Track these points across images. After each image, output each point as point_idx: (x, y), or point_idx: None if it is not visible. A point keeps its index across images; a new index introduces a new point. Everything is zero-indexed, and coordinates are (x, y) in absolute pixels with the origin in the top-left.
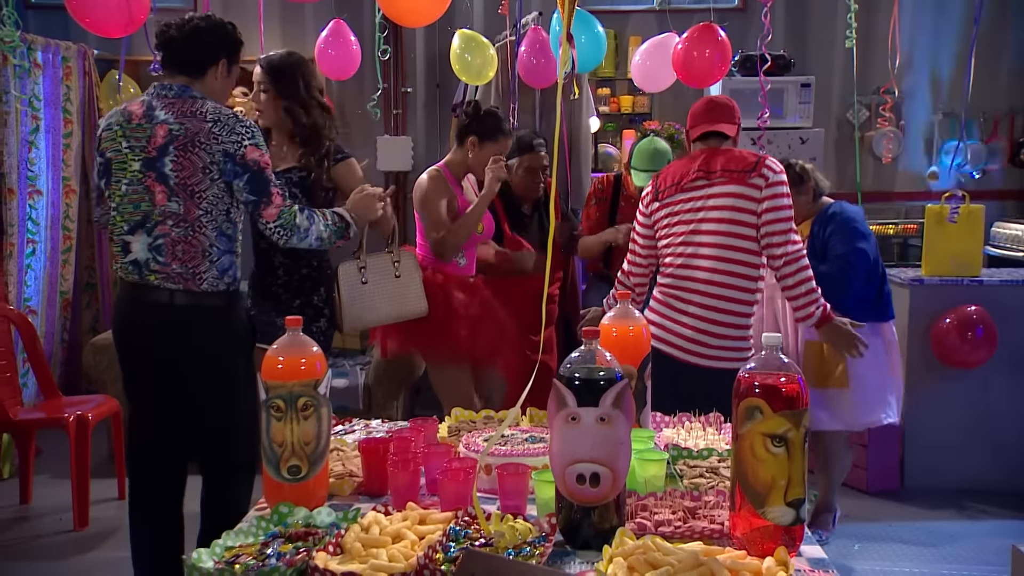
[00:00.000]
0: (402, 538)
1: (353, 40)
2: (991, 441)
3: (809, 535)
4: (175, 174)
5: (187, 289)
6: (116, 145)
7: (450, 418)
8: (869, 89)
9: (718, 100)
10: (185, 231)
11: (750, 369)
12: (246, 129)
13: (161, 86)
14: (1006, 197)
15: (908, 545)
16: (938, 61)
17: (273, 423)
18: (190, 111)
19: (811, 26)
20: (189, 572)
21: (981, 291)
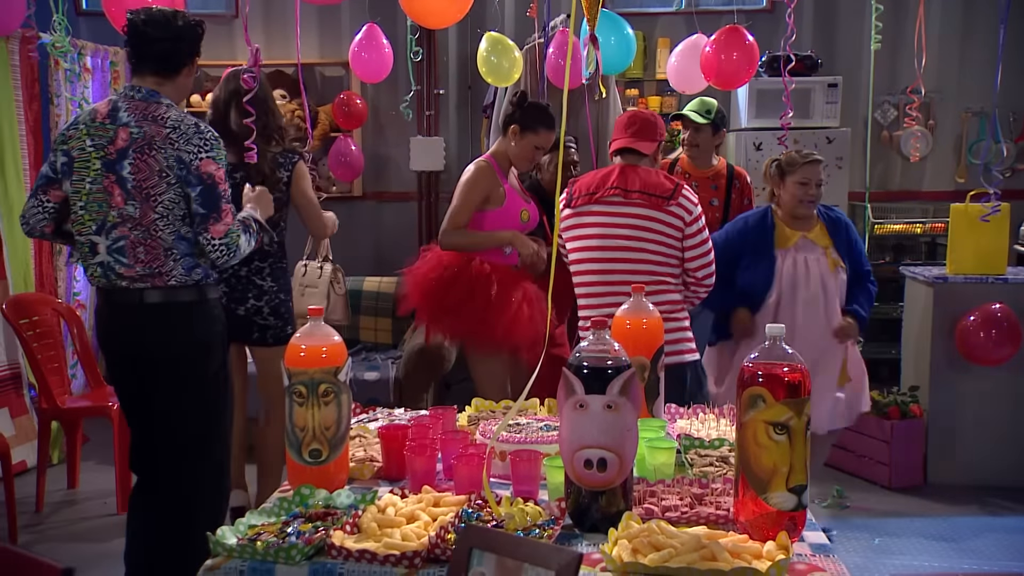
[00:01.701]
0: (416, 519)
1: (385, 43)
2: (1015, 438)
3: (812, 521)
4: (132, 177)
5: (155, 286)
6: (81, 143)
7: (471, 407)
8: (897, 89)
9: (640, 115)
10: (143, 233)
11: (754, 359)
12: (204, 141)
13: (130, 87)
14: None
15: (929, 540)
16: (967, 61)
17: (296, 408)
18: (152, 115)
19: (839, 27)
20: (214, 548)
21: (1006, 289)
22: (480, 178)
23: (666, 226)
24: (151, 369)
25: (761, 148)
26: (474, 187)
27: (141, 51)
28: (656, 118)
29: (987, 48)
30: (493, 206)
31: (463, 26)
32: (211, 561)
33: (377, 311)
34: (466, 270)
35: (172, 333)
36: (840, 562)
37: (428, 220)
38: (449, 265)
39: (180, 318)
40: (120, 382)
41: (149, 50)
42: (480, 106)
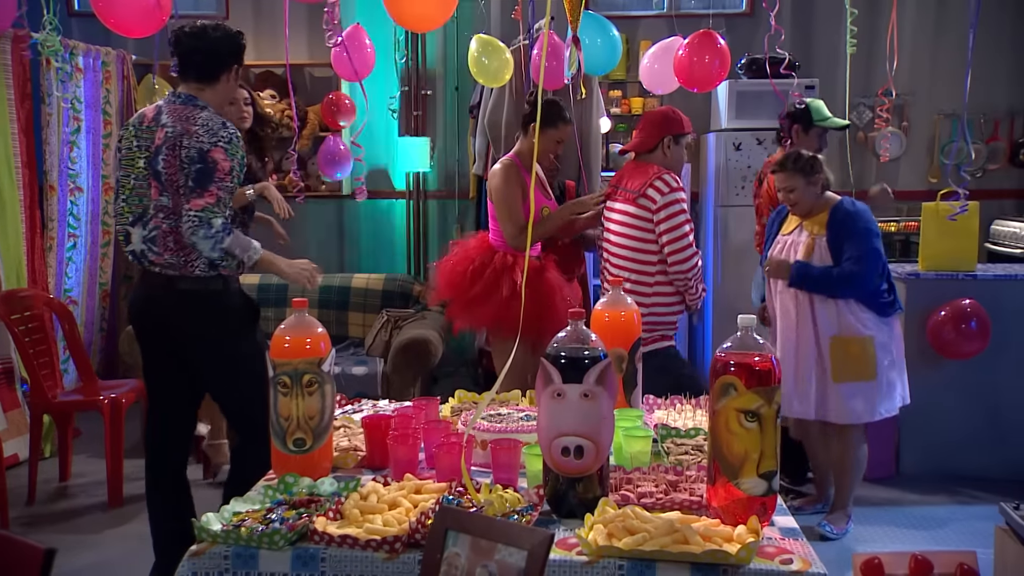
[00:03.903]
0: (398, 506)
1: (368, 44)
2: (983, 430)
3: (782, 505)
4: (165, 171)
5: (182, 275)
6: (129, 143)
7: (454, 399)
8: (872, 91)
9: (647, 113)
10: (174, 223)
11: (726, 348)
12: (226, 135)
13: (173, 93)
14: (1006, 196)
15: (900, 528)
16: (939, 64)
17: (280, 398)
18: (186, 116)
19: (815, 30)
20: (199, 534)
21: (975, 285)
22: (511, 175)
23: (639, 219)
24: (182, 347)
25: (740, 148)
26: (510, 185)
27: (184, 60)
28: (661, 113)
29: (959, 51)
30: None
31: (449, 28)
32: (196, 547)
33: (365, 307)
34: (489, 262)
35: (198, 317)
36: (808, 544)
37: (416, 218)
38: (474, 258)
39: (205, 304)
40: (153, 359)
41: (190, 59)
42: (467, 107)
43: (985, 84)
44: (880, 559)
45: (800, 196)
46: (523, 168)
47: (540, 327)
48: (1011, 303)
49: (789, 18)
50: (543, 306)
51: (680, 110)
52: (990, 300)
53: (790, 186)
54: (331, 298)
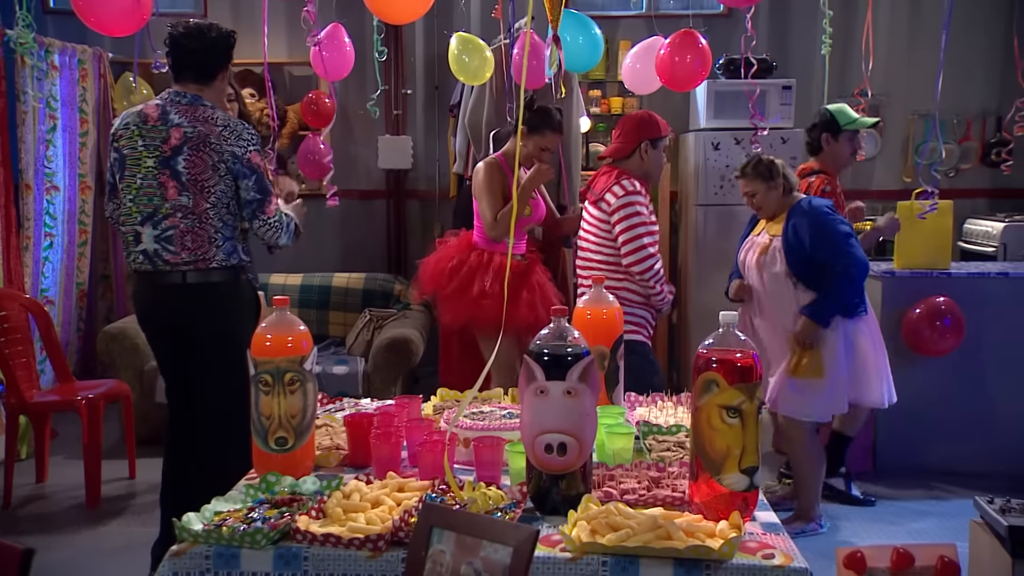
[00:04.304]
0: (381, 504)
1: (347, 42)
2: (956, 425)
3: (763, 501)
4: (187, 171)
5: (197, 269)
6: (132, 143)
7: (436, 397)
8: (848, 91)
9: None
10: (193, 222)
11: (708, 345)
12: (251, 136)
13: (175, 93)
14: (978, 195)
15: (876, 523)
16: (914, 65)
17: (262, 397)
18: (203, 117)
19: (792, 31)
20: (179, 534)
21: (949, 283)
22: (493, 173)
23: (600, 221)
24: (193, 342)
25: (719, 148)
26: (491, 182)
27: (180, 61)
28: (637, 118)
29: (932, 53)
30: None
31: (429, 27)
32: (176, 547)
33: (346, 307)
34: (467, 260)
35: (212, 308)
36: (789, 539)
37: (396, 218)
38: (454, 256)
39: (219, 296)
40: (163, 355)
41: (187, 60)
42: (447, 105)
43: (958, 85)
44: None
45: (762, 200)
46: (507, 168)
47: (520, 325)
48: (984, 300)
49: (766, 19)
50: (525, 305)
51: (659, 110)
52: (964, 297)
53: (751, 191)
54: (312, 297)
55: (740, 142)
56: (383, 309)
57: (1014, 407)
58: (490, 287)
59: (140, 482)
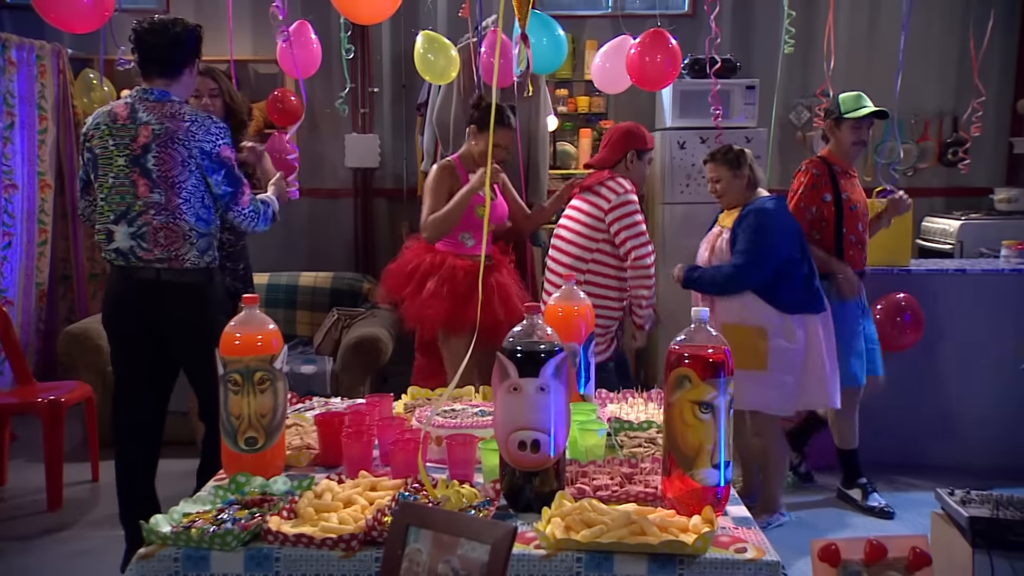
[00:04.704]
0: (353, 503)
1: (314, 40)
2: (919, 420)
3: (735, 495)
4: (157, 168)
5: (171, 268)
6: (103, 142)
7: (407, 395)
8: (810, 91)
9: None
10: (166, 218)
11: (680, 341)
12: (220, 129)
13: (142, 90)
14: (935, 194)
15: (841, 515)
16: (873, 65)
17: (231, 396)
18: (170, 113)
19: (755, 31)
20: (147, 536)
21: (909, 279)
22: (443, 175)
23: (593, 207)
24: (169, 336)
25: (685, 147)
26: (438, 184)
27: (145, 57)
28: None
29: (891, 53)
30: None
31: (396, 25)
32: (144, 550)
33: (313, 306)
34: (424, 262)
35: (184, 308)
36: (761, 532)
37: (364, 216)
38: (412, 259)
39: (191, 296)
40: (130, 354)
41: (152, 55)
42: (414, 104)
43: (916, 86)
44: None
45: (725, 187)
46: (461, 168)
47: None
48: (943, 296)
49: (729, 19)
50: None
51: (626, 109)
52: (923, 294)
53: (716, 176)
54: (279, 297)
55: (706, 141)
56: (351, 308)
57: (972, 401)
58: (440, 288)
59: (104, 484)
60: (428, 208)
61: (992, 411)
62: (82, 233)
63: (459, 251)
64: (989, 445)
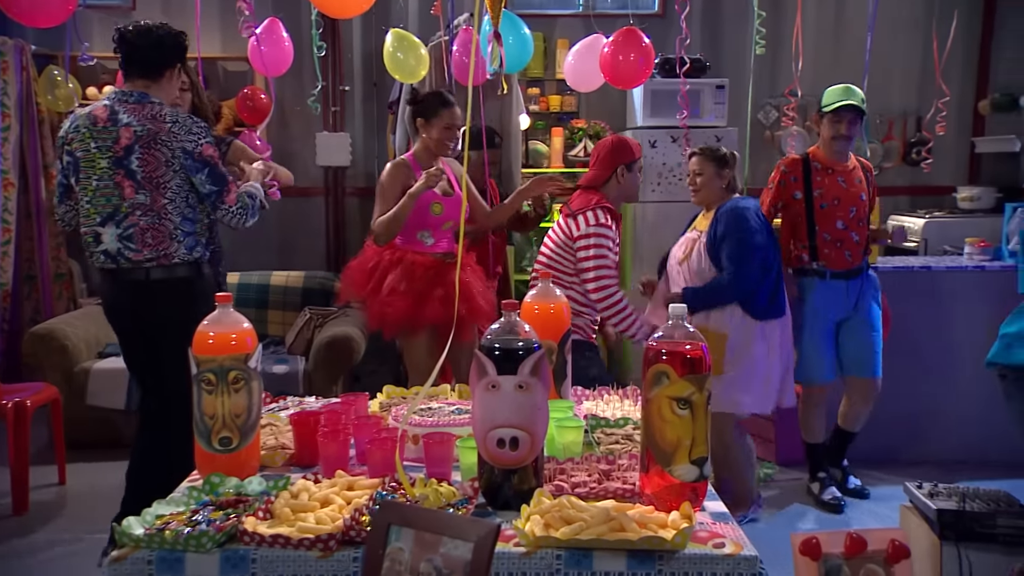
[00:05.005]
0: (330, 503)
1: (285, 37)
2: (883, 415)
3: (712, 491)
4: (141, 169)
5: (160, 265)
6: (85, 145)
7: (382, 394)
8: (777, 91)
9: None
10: (152, 219)
11: (658, 338)
12: (201, 129)
13: (122, 92)
14: (900, 193)
15: (812, 509)
16: (840, 66)
17: (204, 396)
18: (151, 114)
19: (725, 31)
20: (119, 539)
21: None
22: (395, 174)
23: (565, 234)
24: (158, 333)
25: (656, 146)
26: (390, 183)
27: (128, 57)
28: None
29: (857, 54)
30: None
31: (367, 23)
32: (116, 552)
33: (285, 305)
34: (383, 259)
35: (176, 303)
36: (739, 527)
37: (335, 215)
38: (371, 256)
39: (182, 291)
40: (131, 348)
41: (134, 56)
42: (386, 102)
43: (880, 86)
44: (817, 538)
45: (705, 182)
46: (416, 166)
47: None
48: (908, 293)
49: (699, 19)
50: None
51: (597, 108)
52: (889, 290)
53: (700, 170)
54: (250, 296)
55: (676, 140)
56: (323, 308)
57: (938, 396)
58: (398, 285)
59: (71, 487)
60: (379, 209)
61: (957, 406)
62: (47, 233)
63: (418, 249)
64: (955, 439)
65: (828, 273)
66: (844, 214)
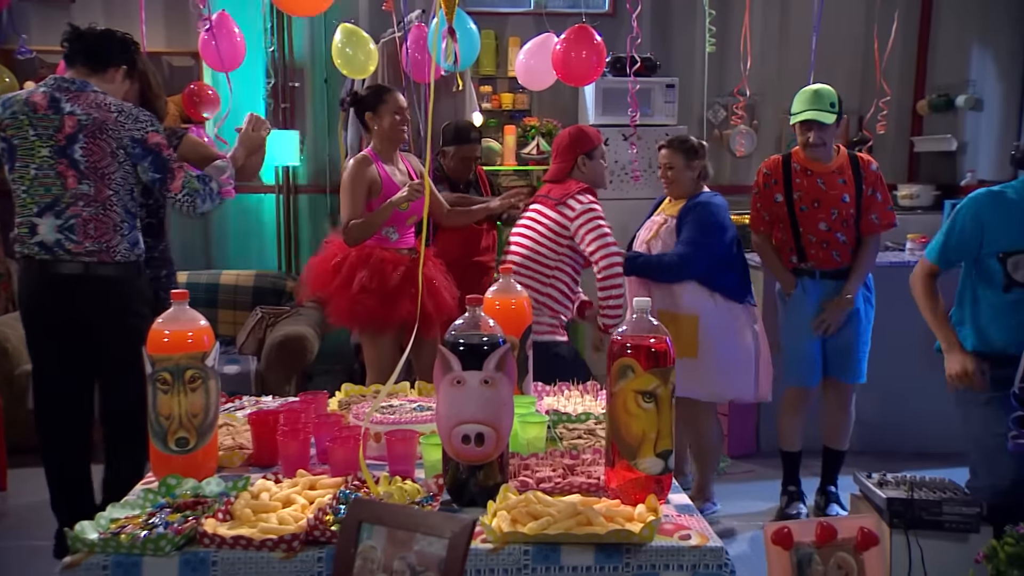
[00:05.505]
0: (292, 503)
1: (237, 33)
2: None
3: (676, 484)
4: (85, 159)
5: (102, 261)
6: (22, 132)
7: (341, 392)
8: (725, 91)
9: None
10: (96, 210)
11: (623, 332)
12: (147, 117)
13: (61, 79)
14: None
15: (759, 500)
16: (785, 66)
17: (160, 396)
18: (95, 103)
19: (674, 31)
20: (72, 544)
21: None
22: (359, 170)
23: (553, 222)
24: (88, 334)
25: (607, 144)
26: (355, 180)
27: (74, 46)
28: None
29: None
30: (373, 196)
31: (317, 19)
32: (69, 558)
33: (236, 305)
34: (348, 256)
35: (112, 303)
36: (703, 519)
37: (286, 213)
38: (337, 252)
39: (120, 290)
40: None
41: (79, 44)
42: (337, 99)
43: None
44: (789, 528)
45: (677, 175)
46: (377, 160)
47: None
48: None
49: (648, 19)
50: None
51: (549, 106)
52: None
53: (670, 163)
54: (199, 296)
55: (628, 138)
56: (275, 307)
57: (880, 386)
58: (371, 283)
59: (12, 493)
60: (348, 207)
61: (900, 397)
62: None
63: (384, 245)
64: (899, 430)
65: (818, 273)
66: (826, 216)
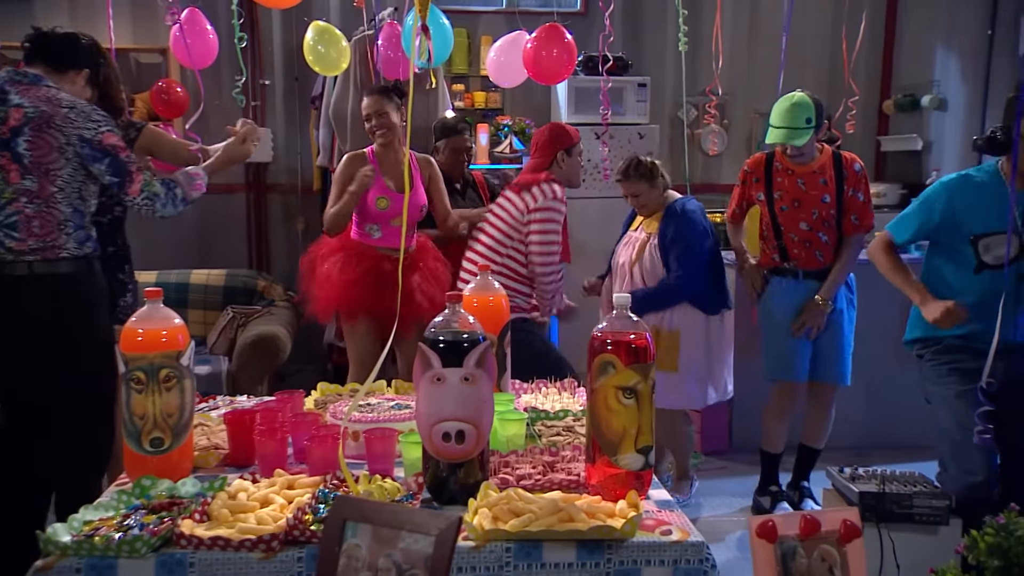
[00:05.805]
0: (271, 503)
1: (210, 29)
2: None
3: (656, 480)
4: (30, 153)
5: (45, 259)
6: None
7: (317, 392)
8: (696, 90)
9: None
10: (39, 207)
11: (603, 328)
12: (102, 117)
13: (15, 72)
14: None
15: (732, 496)
16: (754, 66)
17: (134, 396)
18: (45, 96)
19: (645, 31)
20: (44, 547)
21: None
22: (346, 165)
23: (515, 208)
24: (37, 336)
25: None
26: (339, 174)
27: (35, 44)
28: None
29: (772, 53)
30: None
31: (288, 15)
32: (41, 562)
33: (206, 304)
34: (329, 248)
35: (60, 301)
36: (684, 514)
37: (257, 211)
38: (321, 246)
39: (68, 287)
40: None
41: (43, 43)
42: (308, 97)
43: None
44: (774, 521)
45: (646, 199)
46: (373, 159)
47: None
48: None
49: (620, 18)
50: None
51: (521, 104)
52: None
53: (635, 191)
54: (168, 295)
55: (600, 136)
56: (246, 306)
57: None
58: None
59: None
60: (329, 201)
61: (871, 393)
62: None
63: (366, 242)
64: (871, 425)
65: (801, 273)
66: (806, 216)
